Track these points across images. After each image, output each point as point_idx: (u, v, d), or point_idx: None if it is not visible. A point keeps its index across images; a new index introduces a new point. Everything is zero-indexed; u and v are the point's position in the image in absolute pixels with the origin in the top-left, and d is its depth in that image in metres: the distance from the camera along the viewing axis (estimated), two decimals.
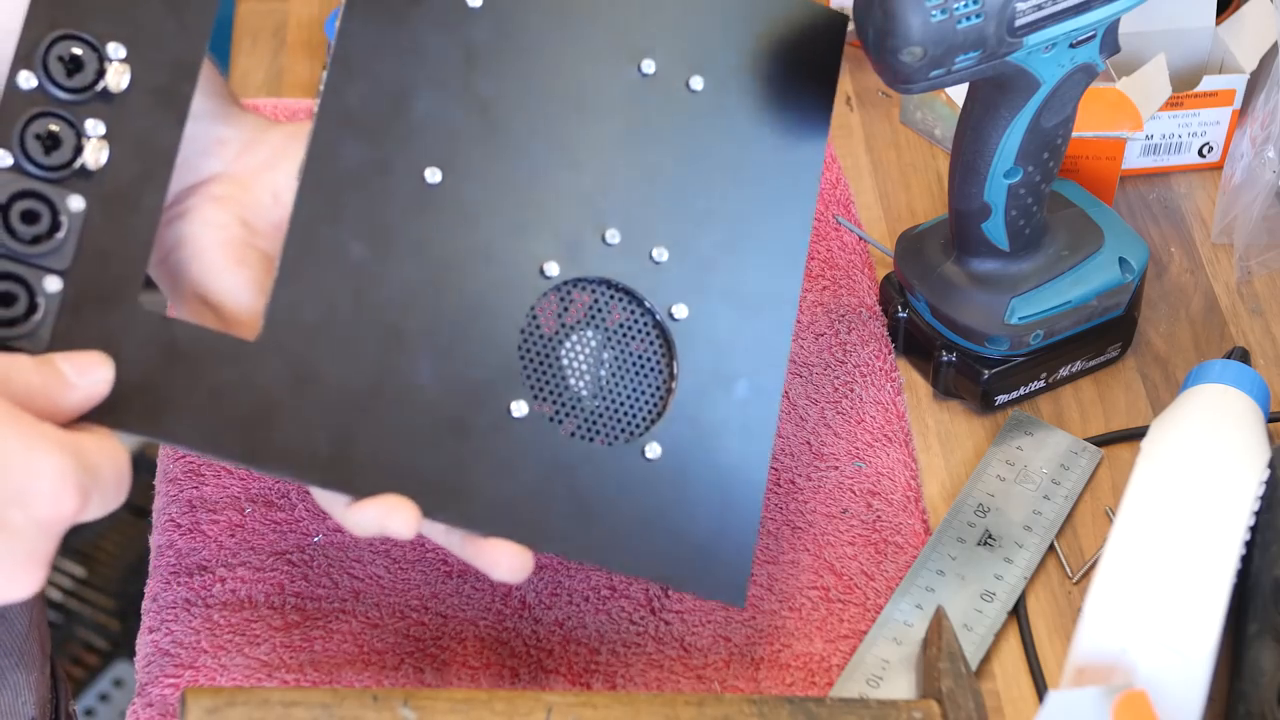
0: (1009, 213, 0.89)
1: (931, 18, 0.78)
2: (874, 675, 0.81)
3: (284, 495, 0.88)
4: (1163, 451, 0.82)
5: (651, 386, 0.77)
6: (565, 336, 0.76)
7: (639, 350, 0.77)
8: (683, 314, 0.78)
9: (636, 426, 0.77)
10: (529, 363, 0.75)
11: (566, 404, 0.76)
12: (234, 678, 0.81)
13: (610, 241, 0.77)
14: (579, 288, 0.76)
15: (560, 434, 0.75)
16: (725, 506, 0.77)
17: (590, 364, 0.76)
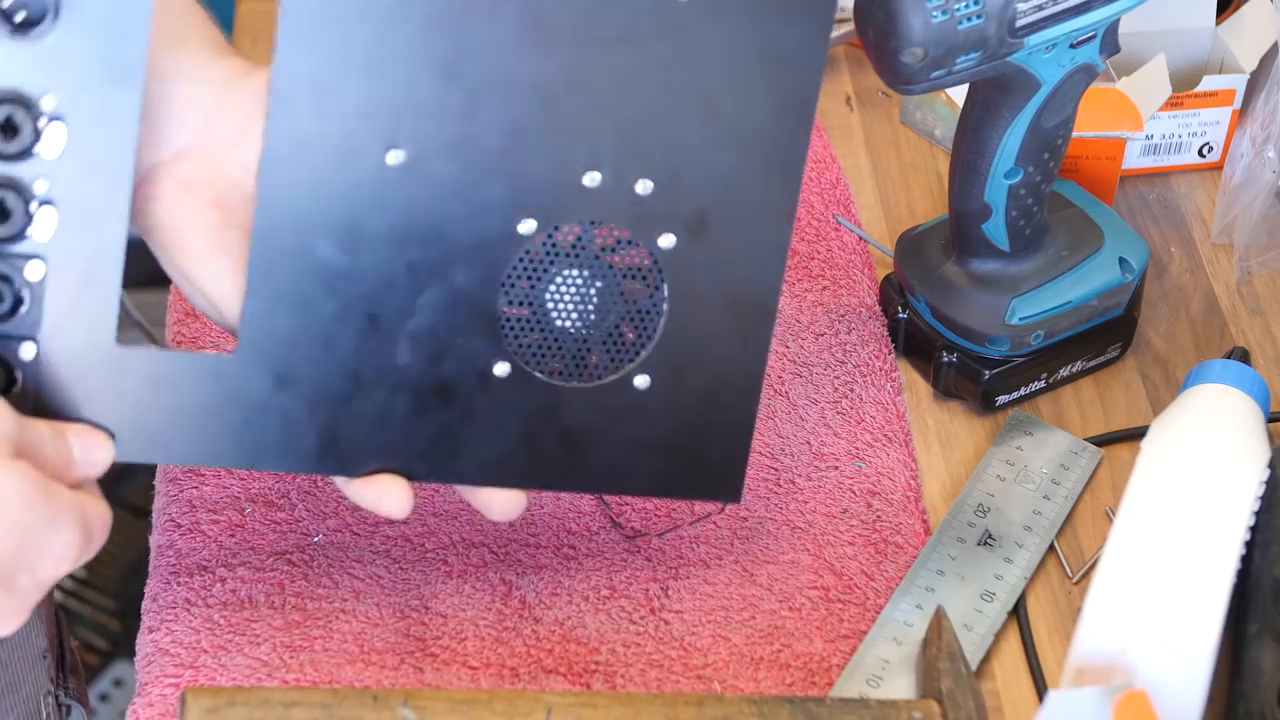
0: (1009, 213, 0.89)
1: (932, 19, 0.78)
2: (874, 675, 0.81)
3: (284, 495, 0.88)
4: (1163, 451, 0.82)
5: (638, 320, 0.76)
6: (549, 281, 0.74)
7: (625, 285, 0.75)
8: (670, 243, 0.75)
9: (623, 361, 0.76)
10: (511, 320, 0.74)
11: (551, 349, 0.75)
12: (234, 678, 0.81)
13: (589, 185, 0.73)
14: (559, 230, 0.74)
15: (545, 382, 0.75)
16: (718, 416, 0.77)
17: (575, 303, 0.75)
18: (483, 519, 0.87)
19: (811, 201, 1.04)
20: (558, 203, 0.73)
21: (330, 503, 0.88)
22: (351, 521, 0.87)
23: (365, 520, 0.87)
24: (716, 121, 0.74)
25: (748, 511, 0.88)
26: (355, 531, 0.87)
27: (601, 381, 0.76)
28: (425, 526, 0.87)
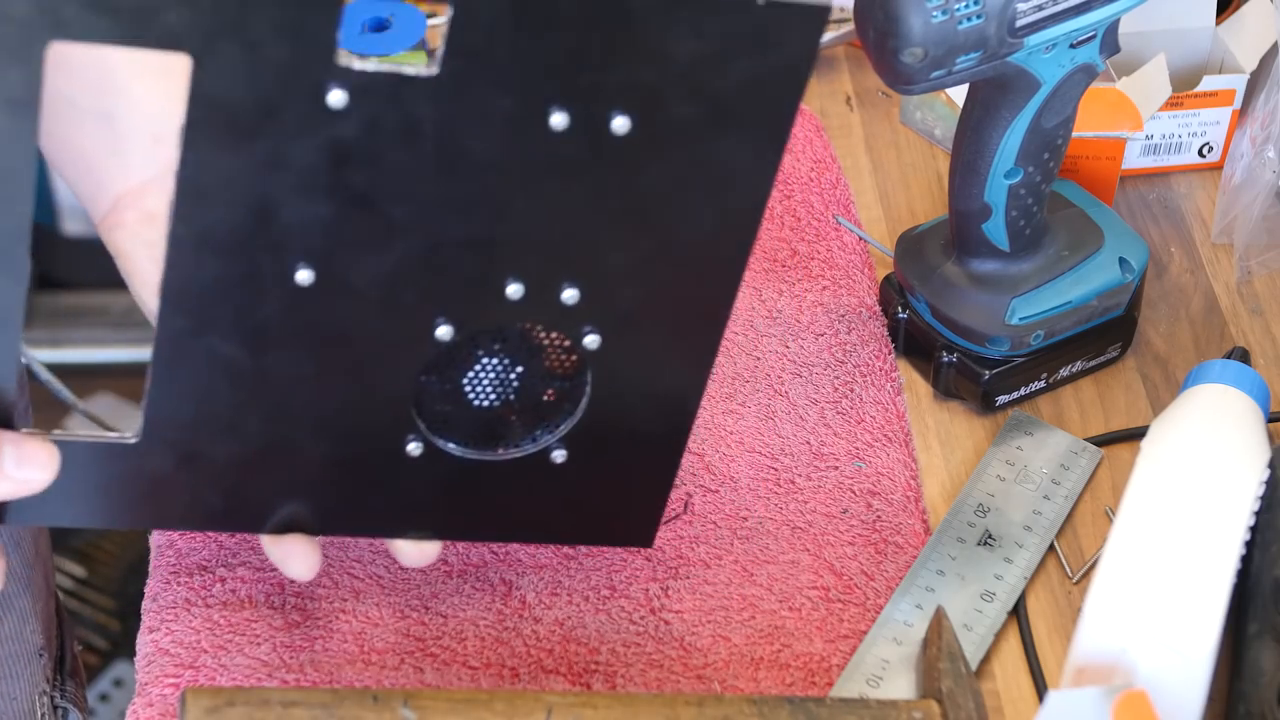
0: (1009, 213, 0.89)
1: (932, 19, 0.78)
2: (874, 675, 0.81)
3: None
4: (1163, 451, 0.82)
5: (557, 407, 0.75)
6: (465, 369, 0.73)
7: (545, 374, 0.74)
8: (594, 344, 0.72)
9: (539, 439, 0.76)
10: (425, 408, 0.73)
11: (466, 429, 0.75)
12: (234, 678, 0.81)
13: (511, 296, 0.70)
14: (477, 339, 0.72)
15: (458, 456, 0.75)
16: (636, 483, 0.79)
17: (492, 386, 0.74)
18: None
19: (811, 201, 1.04)
20: (477, 311, 0.70)
21: None
22: None
23: None
24: (652, 236, 0.69)
25: (748, 511, 0.88)
26: None
27: (518, 455, 0.76)
28: None
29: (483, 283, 0.69)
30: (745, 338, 0.96)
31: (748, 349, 0.96)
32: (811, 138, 1.08)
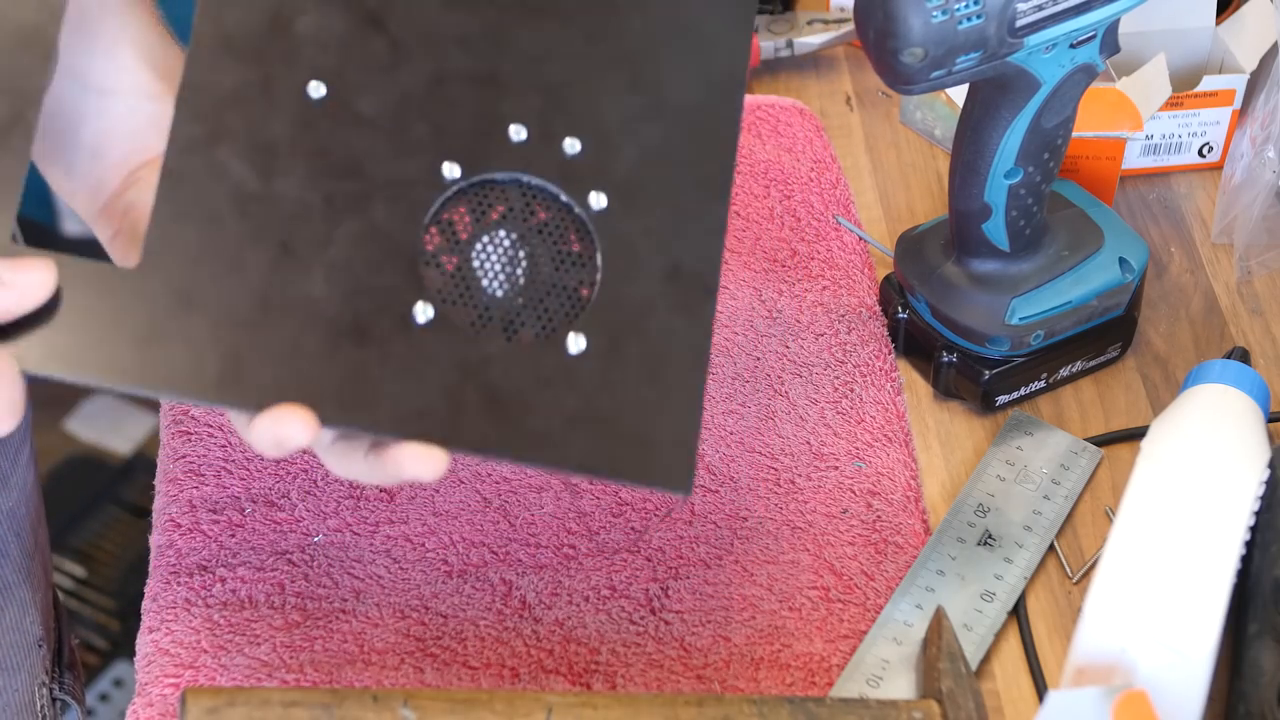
0: (1009, 213, 0.89)
1: (932, 19, 0.78)
2: (874, 675, 0.81)
3: (284, 495, 0.89)
4: (1163, 451, 0.83)
5: (570, 281, 0.73)
6: (474, 238, 0.72)
7: (555, 245, 0.73)
8: (601, 203, 0.72)
9: (556, 322, 0.72)
10: (433, 267, 0.71)
11: (476, 305, 0.72)
12: (234, 678, 0.81)
13: (515, 139, 0.72)
14: (485, 187, 0.72)
15: (470, 336, 0.71)
16: (661, 391, 0.73)
17: (503, 263, 0.72)
18: (483, 519, 0.87)
19: (811, 201, 1.04)
20: (483, 151, 0.72)
21: (330, 503, 0.88)
22: (351, 521, 0.87)
23: (365, 520, 0.88)
24: (644, 93, 0.73)
25: (748, 511, 0.88)
26: (355, 531, 0.87)
27: (531, 342, 0.72)
28: (425, 526, 0.87)
29: (487, 122, 0.72)
30: (745, 338, 0.96)
31: (748, 349, 0.96)
32: (811, 138, 1.08)
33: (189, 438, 0.91)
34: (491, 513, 0.88)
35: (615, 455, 0.72)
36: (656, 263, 0.73)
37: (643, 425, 0.73)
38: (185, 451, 0.91)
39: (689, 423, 0.73)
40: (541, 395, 0.72)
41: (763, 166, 1.06)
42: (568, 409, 0.72)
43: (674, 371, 0.73)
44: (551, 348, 0.72)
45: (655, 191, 0.74)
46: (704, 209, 0.74)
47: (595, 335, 0.72)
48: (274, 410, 0.68)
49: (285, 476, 0.89)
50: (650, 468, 0.72)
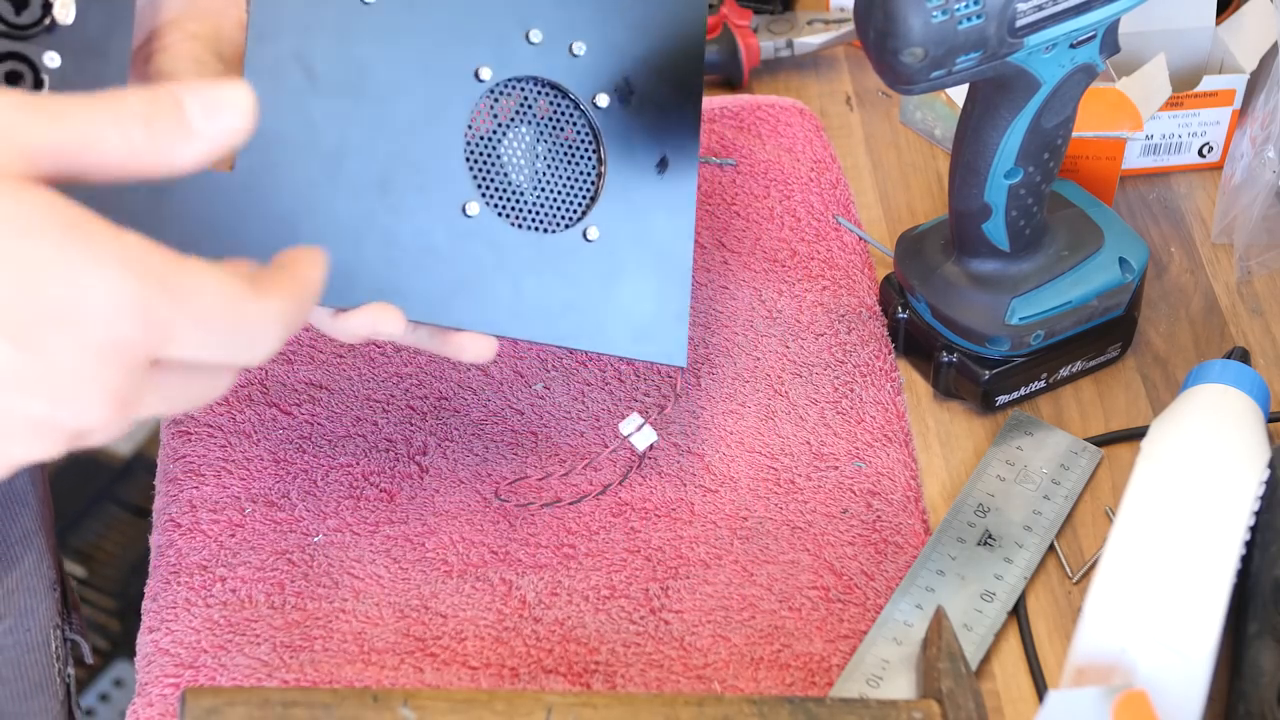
0: (1009, 213, 0.89)
1: (932, 19, 0.78)
2: (874, 675, 0.81)
3: (284, 495, 0.89)
4: (1163, 451, 0.83)
5: (585, 173, 0.84)
6: (502, 134, 0.82)
7: (569, 141, 0.83)
8: (605, 102, 0.84)
9: (576, 211, 0.83)
10: (475, 164, 0.81)
11: (511, 198, 0.82)
12: (234, 678, 0.81)
13: (534, 41, 0.82)
14: (511, 87, 0.82)
15: (511, 228, 0.81)
16: (660, 278, 0.85)
17: (527, 158, 0.82)
18: (483, 519, 0.87)
19: (811, 201, 1.04)
20: (510, 54, 0.81)
21: (330, 503, 0.88)
22: (351, 521, 0.87)
23: (365, 520, 0.88)
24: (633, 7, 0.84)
25: (748, 511, 0.88)
26: (355, 531, 0.87)
27: (559, 231, 0.83)
28: (425, 526, 0.87)
29: (512, 25, 0.81)
30: (745, 338, 0.96)
31: (748, 349, 0.96)
32: (811, 138, 1.08)
33: (189, 438, 0.91)
34: (491, 513, 0.88)
35: (626, 334, 0.85)
36: (649, 154, 0.86)
37: (646, 306, 0.85)
38: (185, 451, 0.91)
39: (680, 301, 0.86)
40: (571, 280, 0.83)
41: (763, 166, 1.06)
42: (590, 294, 0.84)
43: (668, 256, 0.86)
44: (575, 235, 0.83)
45: (645, 92, 0.85)
46: (681, 105, 0.86)
47: (607, 223, 0.84)
48: (372, 308, 0.76)
49: (285, 476, 0.89)
50: (654, 344, 0.85)
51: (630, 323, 0.84)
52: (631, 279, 0.84)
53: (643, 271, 0.85)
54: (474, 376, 0.94)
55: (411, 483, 0.89)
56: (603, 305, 0.84)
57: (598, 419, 0.92)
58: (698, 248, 1.01)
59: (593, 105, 0.83)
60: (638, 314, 0.85)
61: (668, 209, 0.85)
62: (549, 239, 0.82)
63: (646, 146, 0.85)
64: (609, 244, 0.84)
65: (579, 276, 0.83)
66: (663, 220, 0.85)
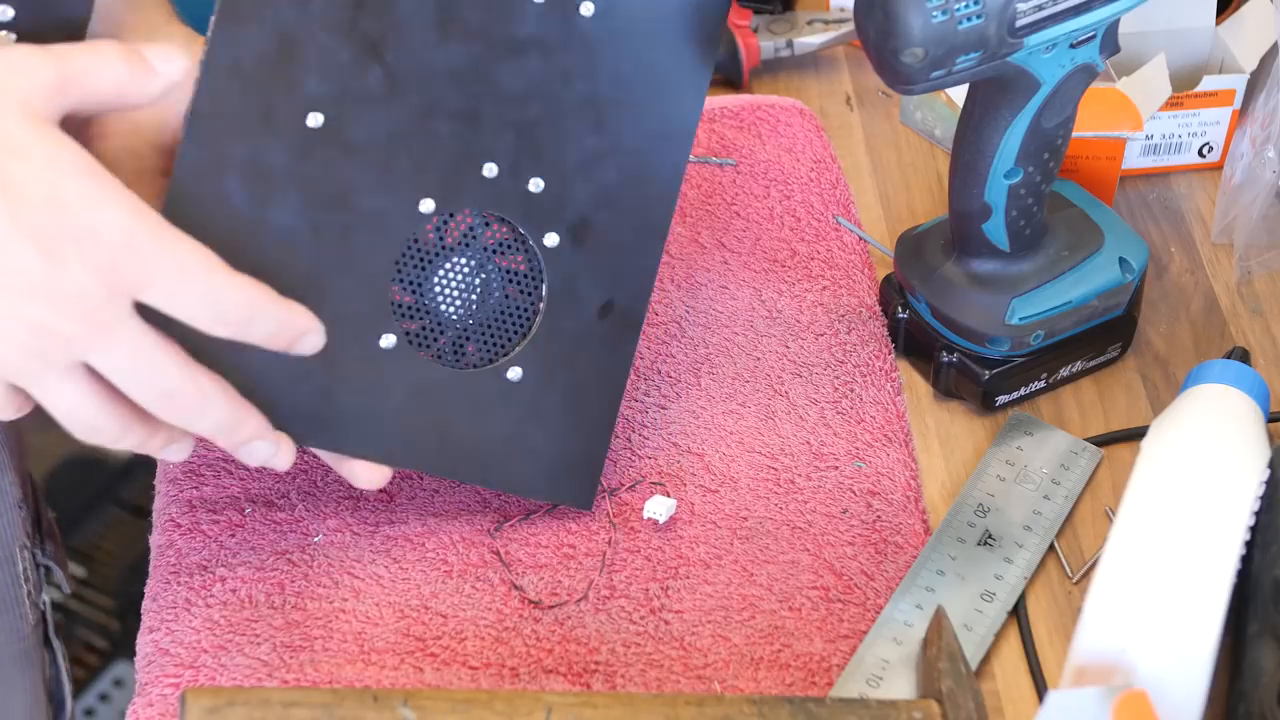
0: (1009, 213, 0.89)
1: (932, 19, 0.78)
2: (874, 675, 0.81)
3: (284, 495, 0.89)
4: (1163, 451, 0.82)
5: (519, 312, 0.81)
6: (439, 264, 0.79)
7: (509, 278, 0.80)
8: (553, 242, 0.80)
9: (501, 350, 0.80)
10: (401, 294, 0.78)
11: (432, 333, 0.79)
12: (234, 678, 0.81)
13: (487, 175, 0.78)
14: (457, 219, 0.79)
15: (427, 361, 0.79)
16: (578, 424, 0.83)
17: (462, 290, 0.79)
18: (483, 519, 0.87)
19: (811, 201, 1.04)
20: (458, 187, 0.78)
21: (330, 503, 0.88)
22: (351, 521, 0.87)
23: (365, 520, 0.88)
24: (604, 135, 0.80)
25: (748, 511, 0.88)
26: (355, 531, 0.87)
27: (479, 369, 0.80)
28: (425, 526, 0.87)
29: (465, 158, 0.78)
30: (745, 338, 0.96)
31: (748, 349, 0.96)
32: (811, 138, 1.08)
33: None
34: (491, 513, 0.88)
35: (535, 478, 0.83)
36: (593, 299, 0.82)
37: (559, 451, 0.83)
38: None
39: (597, 449, 0.84)
40: (482, 418, 0.81)
41: (763, 166, 1.06)
42: (500, 434, 0.81)
43: (593, 403, 0.83)
44: (493, 376, 0.81)
45: (601, 234, 0.82)
46: (642, 252, 0.83)
47: (531, 365, 0.81)
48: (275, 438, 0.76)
49: (285, 477, 0.89)
50: (561, 490, 0.84)
51: (538, 467, 0.83)
52: (548, 423, 0.82)
53: (562, 416, 0.83)
54: None
55: (411, 483, 0.89)
56: (511, 447, 0.82)
57: None
58: (697, 248, 1.01)
59: (540, 244, 0.80)
60: (547, 458, 0.83)
61: (601, 355, 0.83)
62: (466, 376, 0.80)
63: (592, 290, 0.82)
64: (529, 386, 0.81)
65: (491, 417, 0.81)
66: (592, 366, 0.83)
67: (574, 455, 0.84)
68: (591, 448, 0.84)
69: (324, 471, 0.90)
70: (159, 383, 0.70)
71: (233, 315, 0.70)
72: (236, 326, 0.70)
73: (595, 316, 0.82)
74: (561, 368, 0.82)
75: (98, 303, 0.66)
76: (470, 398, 0.80)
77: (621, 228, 0.82)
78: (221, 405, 0.72)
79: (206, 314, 0.69)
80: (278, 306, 0.71)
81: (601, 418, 0.84)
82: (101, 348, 0.68)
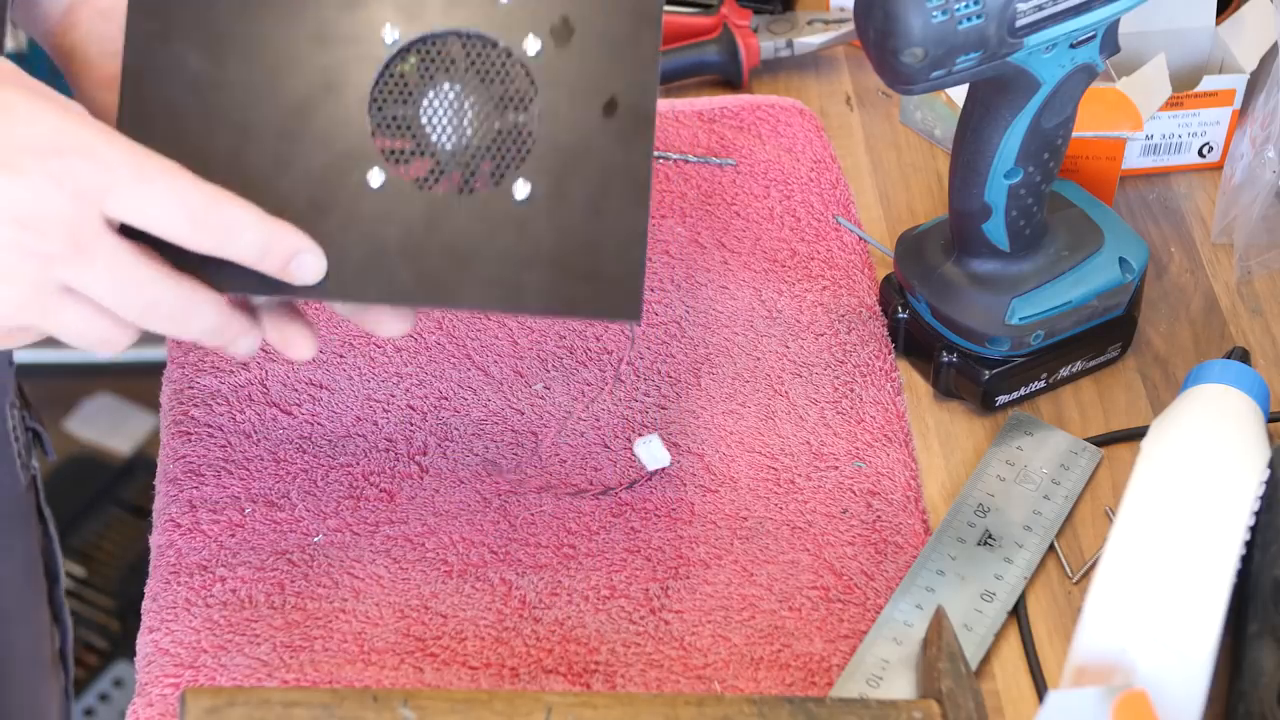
0: (1009, 213, 0.89)
1: (932, 19, 0.78)
2: (874, 675, 0.81)
3: (284, 495, 0.89)
4: (1163, 451, 0.83)
5: (512, 128, 0.76)
6: (419, 94, 0.75)
7: (496, 93, 0.75)
8: (535, 48, 0.75)
9: (501, 170, 0.76)
10: (382, 129, 0.75)
11: (424, 160, 0.75)
12: (234, 678, 0.81)
13: None
14: (426, 43, 0.75)
15: (421, 192, 0.75)
16: (606, 225, 0.76)
17: (447, 115, 0.75)
18: (483, 519, 0.87)
19: (811, 201, 1.04)
20: (419, 6, 0.74)
21: (330, 503, 0.88)
22: (351, 521, 0.87)
23: (365, 520, 0.88)
24: None
25: (748, 511, 0.88)
26: (355, 531, 0.87)
27: (482, 193, 0.75)
28: (425, 526, 0.87)
29: None
30: (745, 338, 0.96)
31: (748, 349, 0.96)
32: (811, 138, 1.08)
33: (189, 438, 0.91)
34: (491, 513, 0.88)
35: (569, 293, 0.76)
36: (593, 99, 0.76)
37: (592, 261, 0.76)
38: (185, 451, 0.91)
39: (635, 253, 0.76)
40: (494, 245, 0.75)
41: (763, 166, 1.06)
42: (520, 254, 0.75)
43: (616, 204, 0.76)
44: (500, 197, 0.75)
45: (588, 29, 0.75)
46: (636, 39, 0.76)
47: (539, 179, 0.75)
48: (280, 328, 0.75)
49: (285, 477, 0.89)
50: (602, 300, 0.76)
51: (575, 282, 0.76)
52: (573, 236, 0.76)
53: (586, 226, 0.76)
54: (474, 376, 0.94)
55: (411, 483, 0.89)
56: (539, 266, 0.76)
57: (598, 419, 0.92)
58: (697, 248, 1.01)
59: (523, 52, 0.75)
60: (582, 271, 0.76)
61: (615, 154, 0.76)
62: (470, 202, 0.75)
63: (589, 91, 0.76)
64: (542, 201, 0.76)
65: (508, 239, 0.76)
66: (607, 169, 0.76)
67: (611, 264, 0.76)
68: (628, 254, 0.76)
69: (324, 471, 0.90)
70: (142, 295, 0.69)
71: (207, 223, 0.69)
72: (215, 235, 0.69)
73: (600, 117, 0.76)
74: (573, 177, 0.76)
75: (68, 216, 0.67)
76: (482, 223, 0.75)
77: (607, 19, 0.76)
78: (209, 312, 0.71)
79: (178, 221, 0.69)
80: (254, 215, 0.70)
81: (632, 220, 0.76)
82: (80, 265, 0.68)
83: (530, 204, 0.76)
